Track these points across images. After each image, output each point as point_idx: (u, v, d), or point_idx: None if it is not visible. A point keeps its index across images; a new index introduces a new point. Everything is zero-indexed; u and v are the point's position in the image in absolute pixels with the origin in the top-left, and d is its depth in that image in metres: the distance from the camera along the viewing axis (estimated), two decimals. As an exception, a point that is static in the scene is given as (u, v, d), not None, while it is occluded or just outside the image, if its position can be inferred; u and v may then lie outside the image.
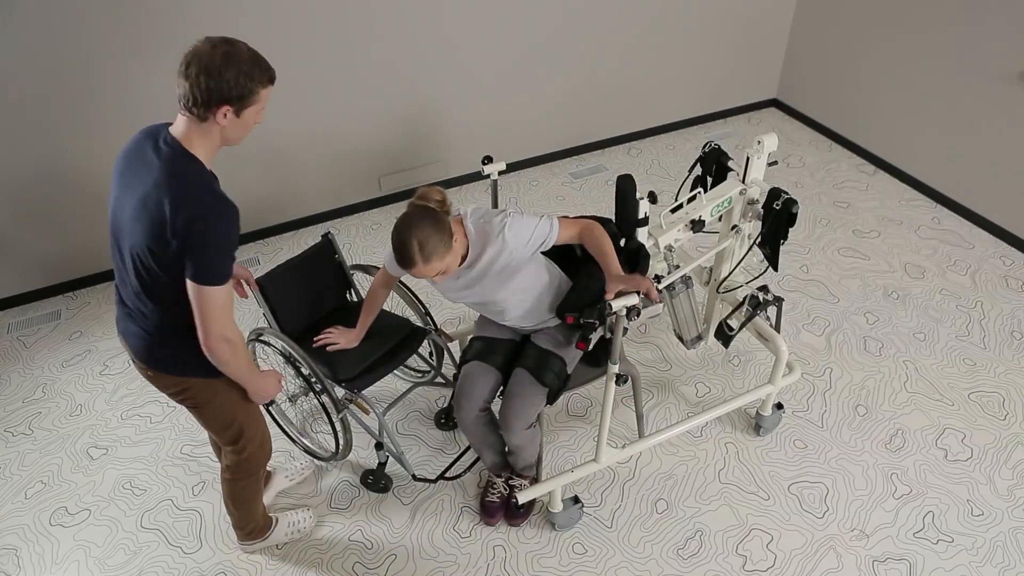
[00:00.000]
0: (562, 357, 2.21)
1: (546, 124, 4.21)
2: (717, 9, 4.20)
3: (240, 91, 1.59)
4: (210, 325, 1.67)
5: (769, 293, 2.47)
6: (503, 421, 2.20)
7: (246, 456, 2.07)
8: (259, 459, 2.12)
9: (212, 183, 1.64)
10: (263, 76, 1.63)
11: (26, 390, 3.05)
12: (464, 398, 2.23)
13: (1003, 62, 3.39)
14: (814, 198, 4.00)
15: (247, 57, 1.60)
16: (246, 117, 1.65)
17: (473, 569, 2.38)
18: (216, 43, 1.58)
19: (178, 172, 1.61)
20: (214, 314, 1.66)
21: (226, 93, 1.58)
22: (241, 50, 1.60)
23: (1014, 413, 2.83)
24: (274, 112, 3.47)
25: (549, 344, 2.23)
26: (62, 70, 2.99)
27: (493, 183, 2.55)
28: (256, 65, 1.61)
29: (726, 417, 2.84)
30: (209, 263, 1.61)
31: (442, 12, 3.54)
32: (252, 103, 1.63)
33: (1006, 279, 3.44)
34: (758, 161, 2.39)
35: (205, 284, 1.62)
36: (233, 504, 2.23)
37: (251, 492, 2.21)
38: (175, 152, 1.63)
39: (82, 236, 3.43)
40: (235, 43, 1.61)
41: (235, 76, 1.57)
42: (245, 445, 2.05)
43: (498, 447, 2.39)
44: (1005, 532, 2.44)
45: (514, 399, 2.16)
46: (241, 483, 2.16)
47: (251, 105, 1.63)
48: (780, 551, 2.41)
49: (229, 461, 2.10)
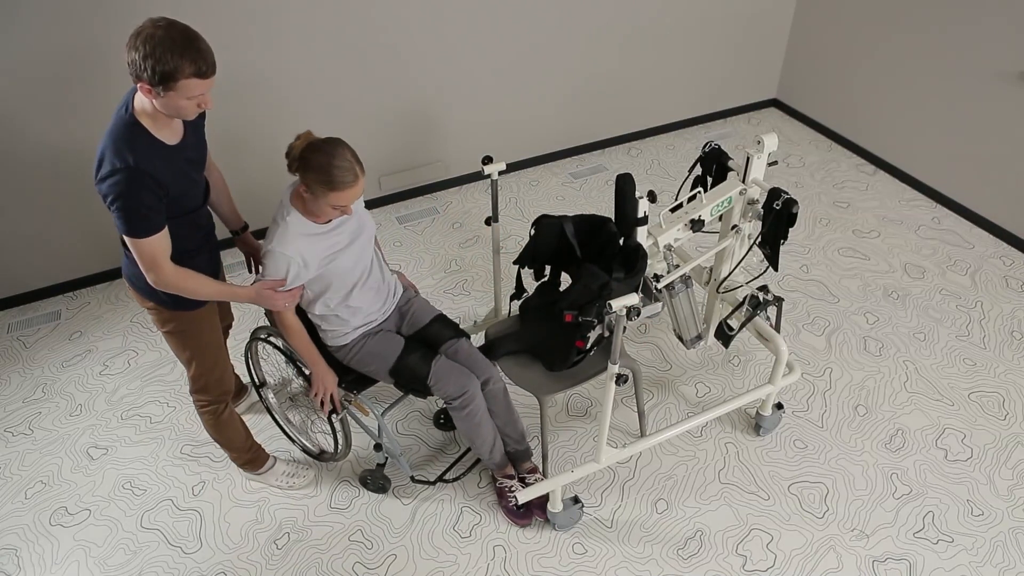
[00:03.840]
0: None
1: (546, 124, 4.21)
2: (717, 9, 4.20)
3: (152, 75, 1.65)
4: (145, 272, 1.89)
5: (769, 293, 2.47)
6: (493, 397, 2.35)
7: (202, 384, 2.27)
8: (213, 391, 2.29)
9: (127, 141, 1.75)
10: (182, 67, 1.66)
11: (26, 390, 3.05)
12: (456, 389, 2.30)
13: (1003, 62, 3.39)
14: (814, 198, 4.00)
15: (162, 42, 1.63)
16: (171, 99, 1.72)
17: (473, 569, 2.38)
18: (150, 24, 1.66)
19: (111, 129, 1.78)
20: (143, 261, 1.86)
21: (139, 73, 1.66)
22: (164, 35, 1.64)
23: (1014, 413, 2.82)
24: (274, 112, 3.47)
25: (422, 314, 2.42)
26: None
27: (493, 183, 2.55)
28: (176, 53, 1.64)
29: (726, 417, 2.84)
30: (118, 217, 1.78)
31: (442, 12, 3.54)
32: (172, 89, 1.69)
33: (1006, 279, 3.44)
34: (758, 161, 2.39)
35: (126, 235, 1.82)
36: (214, 431, 2.41)
37: (221, 422, 2.38)
38: (119, 112, 1.80)
39: (83, 236, 3.43)
40: (168, 26, 1.65)
41: (141, 59, 1.64)
42: (199, 375, 2.24)
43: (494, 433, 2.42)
44: (1005, 532, 2.44)
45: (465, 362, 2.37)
46: (206, 411, 2.33)
47: (171, 91, 1.69)
48: (780, 551, 2.41)
49: (189, 386, 2.30)
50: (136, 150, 1.76)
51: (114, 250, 3.54)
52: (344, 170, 1.93)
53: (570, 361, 2.39)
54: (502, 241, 3.76)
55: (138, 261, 1.87)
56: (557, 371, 2.42)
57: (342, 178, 1.93)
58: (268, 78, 3.36)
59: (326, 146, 1.93)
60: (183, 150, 1.91)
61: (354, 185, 1.96)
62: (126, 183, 1.74)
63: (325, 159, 1.91)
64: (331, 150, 1.93)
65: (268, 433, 2.83)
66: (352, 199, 1.98)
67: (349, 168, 1.93)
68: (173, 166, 1.86)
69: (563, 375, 2.42)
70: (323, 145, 1.94)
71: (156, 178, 1.79)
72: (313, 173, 1.92)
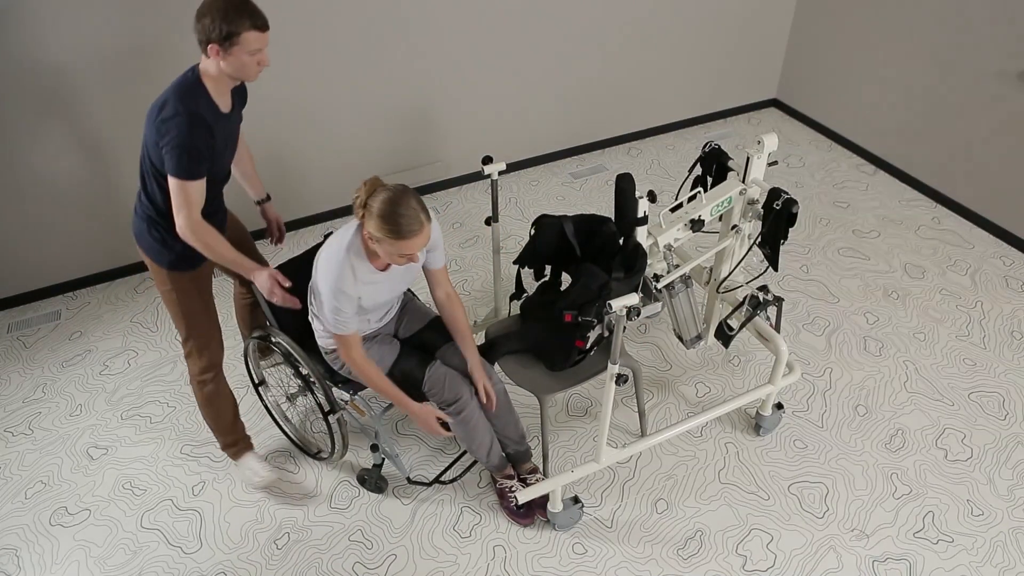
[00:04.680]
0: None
1: (546, 124, 4.21)
2: (717, 9, 4.20)
3: (220, 34, 1.92)
4: (177, 212, 2.04)
5: (769, 293, 2.46)
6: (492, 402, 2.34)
7: (190, 349, 2.38)
8: (202, 358, 2.39)
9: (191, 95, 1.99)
10: (242, 22, 1.92)
11: (26, 390, 3.05)
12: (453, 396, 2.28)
13: (1002, 62, 3.39)
14: (814, 198, 4.00)
15: (224, 5, 1.91)
16: (237, 55, 1.97)
17: (473, 569, 2.38)
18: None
19: (178, 83, 2.02)
20: (177, 201, 2.02)
21: (209, 35, 1.93)
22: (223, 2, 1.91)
23: (1014, 413, 2.82)
24: (275, 112, 3.47)
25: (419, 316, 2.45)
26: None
27: (493, 183, 2.55)
28: (236, 12, 1.92)
29: (726, 417, 2.84)
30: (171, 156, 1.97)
31: (442, 12, 3.54)
32: (236, 44, 1.94)
33: (1006, 279, 3.44)
34: (758, 161, 2.39)
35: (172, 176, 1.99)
36: (203, 405, 2.49)
37: (208, 394, 2.47)
38: (186, 74, 2.04)
39: (83, 235, 3.43)
40: None
41: (211, 22, 1.92)
42: (188, 338, 2.36)
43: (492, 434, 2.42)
44: (1005, 532, 2.44)
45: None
46: (196, 380, 2.43)
47: (236, 46, 1.95)
48: (780, 551, 2.41)
49: (183, 351, 2.41)
50: (198, 103, 2.00)
51: (114, 250, 3.54)
52: (410, 219, 1.90)
53: (570, 361, 2.39)
54: (502, 241, 3.76)
55: (173, 201, 2.02)
56: (557, 371, 2.42)
57: (408, 227, 1.90)
58: (268, 77, 3.36)
59: (392, 196, 1.91)
60: (229, 119, 2.13)
61: (419, 234, 1.93)
62: (188, 126, 1.95)
63: (390, 208, 1.89)
64: (397, 198, 1.90)
65: (268, 433, 2.83)
66: (418, 247, 1.95)
67: (415, 217, 1.90)
68: (221, 127, 2.08)
69: (563, 375, 2.42)
70: (389, 195, 1.91)
71: (210, 128, 2.01)
72: (378, 221, 1.91)
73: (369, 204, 1.93)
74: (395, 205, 1.89)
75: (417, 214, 1.91)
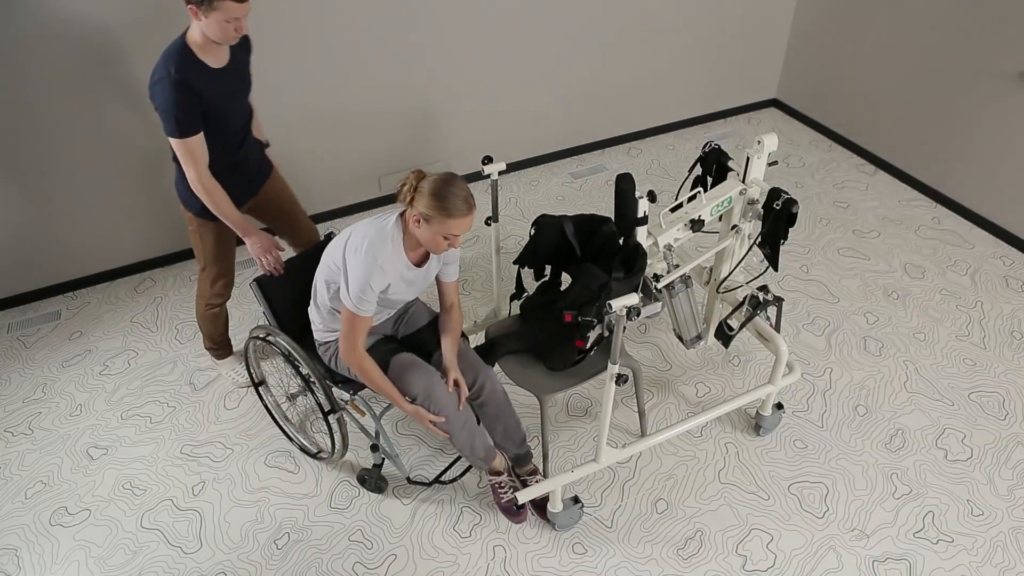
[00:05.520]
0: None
1: (546, 124, 4.21)
2: (717, 9, 4.20)
3: None
4: (186, 169, 2.24)
5: (769, 293, 2.47)
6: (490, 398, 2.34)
7: (203, 277, 2.67)
8: (212, 292, 2.69)
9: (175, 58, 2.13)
10: None
11: (26, 390, 3.05)
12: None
13: (1002, 62, 3.39)
14: (814, 198, 4.00)
15: None
16: (215, 19, 2.09)
17: (473, 569, 2.38)
18: None
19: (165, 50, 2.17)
20: (180, 156, 2.23)
21: None
22: None
23: (1014, 413, 2.82)
24: (274, 112, 3.47)
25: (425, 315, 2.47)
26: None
27: (493, 183, 2.55)
28: None
29: (726, 417, 2.84)
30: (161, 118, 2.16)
31: (442, 12, 3.54)
32: (215, 8, 2.06)
33: (1006, 279, 3.44)
34: (758, 161, 2.39)
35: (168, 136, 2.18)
36: (203, 319, 2.80)
37: (209, 316, 2.78)
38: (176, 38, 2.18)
39: (83, 235, 3.43)
40: None
41: None
42: (204, 276, 2.66)
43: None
44: (1005, 532, 2.44)
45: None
46: (203, 302, 2.73)
47: (214, 11, 2.07)
48: (780, 551, 2.41)
49: (199, 276, 2.69)
50: (180, 66, 2.14)
51: (115, 250, 3.54)
52: (460, 198, 1.97)
53: (570, 361, 2.39)
54: (502, 241, 3.76)
55: (179, 158, 2.22)
56: (557, 371, 2.42)
57: (458, 205, 1.96)
58: (268, 78, 3.36)
59: (443, 176, 1.99)
60: (226, 73, 2.26)
61: (468, 215, 1.99)
62: (170, 89, 2.11)
63: (443, 187, 1.96)
64: (448, 179, 1.99)
65: (269, 433, 2.83)
66: (464, 229, 2.01)
67: (465, 198, 1.98)
68: (213, 84, 2.21)
69: (563, 375, 2.42)
70: (440, 176, 2.00)
71: (194, 89, 2.14)
72: (430, 199, 1.96)
73: (420, 187, 1.99)
74: (448, 185, 1.97)
75: (467, 196, 1.99)
